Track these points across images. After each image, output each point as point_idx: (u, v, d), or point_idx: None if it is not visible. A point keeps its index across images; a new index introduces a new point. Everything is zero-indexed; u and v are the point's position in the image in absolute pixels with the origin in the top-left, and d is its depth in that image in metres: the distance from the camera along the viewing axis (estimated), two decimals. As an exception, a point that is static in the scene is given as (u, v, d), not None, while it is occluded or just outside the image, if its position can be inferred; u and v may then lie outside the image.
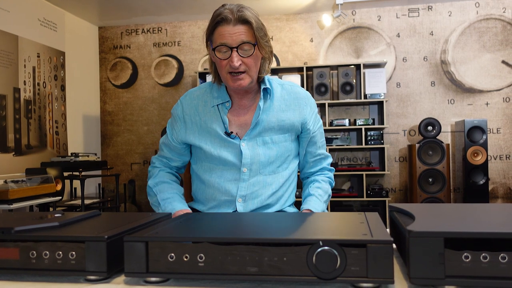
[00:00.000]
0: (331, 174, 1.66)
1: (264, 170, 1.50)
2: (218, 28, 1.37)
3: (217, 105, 1.50)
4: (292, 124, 1.51)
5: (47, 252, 0.80)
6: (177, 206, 1.50)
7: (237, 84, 1.39)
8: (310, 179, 1.63)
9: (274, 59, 5.22)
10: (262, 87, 1.48)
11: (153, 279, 0.78)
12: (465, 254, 0.69)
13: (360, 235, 0.74)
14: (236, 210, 1.50)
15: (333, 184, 1.65)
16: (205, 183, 1.54)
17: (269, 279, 0.73)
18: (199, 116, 1.52)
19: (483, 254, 0.68)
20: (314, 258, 0.71)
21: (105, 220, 0.99)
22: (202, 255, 0.75)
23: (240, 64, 1.36)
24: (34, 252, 0.80)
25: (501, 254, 0.68)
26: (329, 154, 1.67)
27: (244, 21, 1.36)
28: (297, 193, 4.62)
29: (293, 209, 1.62)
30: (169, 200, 1.52)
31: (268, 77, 1.54)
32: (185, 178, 4.72)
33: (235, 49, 1.35)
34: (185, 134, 1.54)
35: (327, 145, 4.73)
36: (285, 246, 0.73)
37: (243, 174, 1.48)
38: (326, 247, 0.71)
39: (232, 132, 1.48)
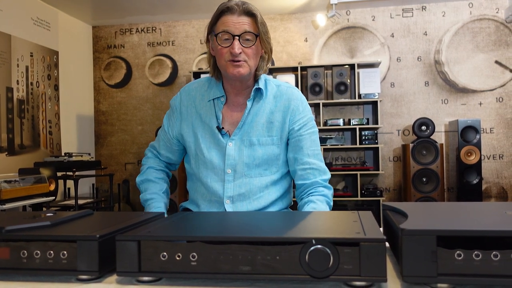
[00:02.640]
0: (328, 192, 1.47)
1: (250, 172, 1.47)
2: (222, 17, 1.39)
3: (213, 99, 1.50)
4: (281, 126, 1.48)
5: (38, 252, 0.79)
6: (156, 209, 1.51)
7: (236, 71, 1.38)
8: (304, 200, 1.46)
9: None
10: (255, 86, 1.47)
11: (145, 278, 0.77)
12: (458, 252, 0.69)
13: (353, 233, 0.74)
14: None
15: (331, 205, 1.46)
16: (196, 181, 1.55)
17: (262, 278, 0.73)
18: (195, 108, 1.53)
19: (475, 252, 0.68)
20: (307, 256, 0.71)
21: (97, 220, 0.98)
22: (194, 254, 0.74)
23: (240, 53, 1.37)
24: (25, 251, 0.79)
25: (493, 252, 0.68)
26: (326, 169, 1.50)
27: (249, 13, 1.38)
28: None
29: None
30: (150, 201, 1.51)
31: (266, 77, 1.52)
32: (179, 178, 4.71)
33: (237, 37, 1.36)
34: (180, 126, 1.54)
35: (321, 145, 4.73)
36: (278, 245, 0.72)
37: (227, 175, 1.47)
38: (319, 246, 0.71)
39: (223, 128, 1.48)
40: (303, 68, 4.95)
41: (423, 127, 4.61)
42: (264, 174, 1.49)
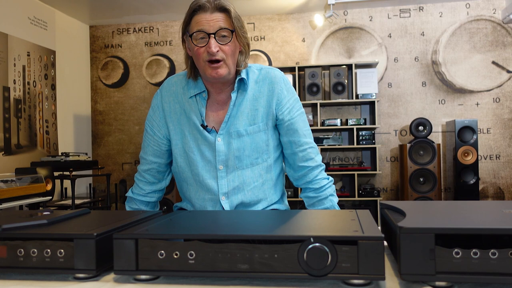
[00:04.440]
0: (330, 189, 1.53)
1: (241, 164, 1.45)
2: (195, 16, 1.34)
3: (195, 96, 1.45)
4: (266, 112, 1.44)
5: (35, 250, 0.78)
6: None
7: (214, 72, 1.34)
8: (314, 196, 1.52)
9: (266, 59, 5.23)
10: (238, 78, 1.43)
11: (142, 276, 0.77)
12: (456, 250, 0.69)
13: (351, 231, 0.74)
14: (223, 209, 1.46)
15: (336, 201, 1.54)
16: (187, 179, 1.51)
17: (260, 276, 0.73)
18: (178, 104, 1.48)
19: (473, 251, 0.68)
20: (305, 255, 0.71)
21: (94, 218, 0.98)
22: (192, 252, 0.74)
23: (217, 51, 1.32)
24: (22, 250, 0.79)
25: (491, 250, 0.68)
26: (317, 147, 1.53)
27: (222, 9, 1.33)
28: (289, 193, 4.64)
29: (283, 206, 1.57)
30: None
31: (249, 65, 1.48)
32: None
33: (213, 35, 1.31)
34: (165, 123, 1.49)
35: (318, 145, 4.73)
36: (276, 243, 0.72)
37: (220, 171, 1.45)
38: (317, 244, 0.71)
39: (207, 126, 1.44)
40: (301, 68, 4.95)
41: (420, 127, 4.62)
42: (256, 163, 1.46)
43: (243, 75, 1.43)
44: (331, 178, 1.54)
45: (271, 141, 1.48)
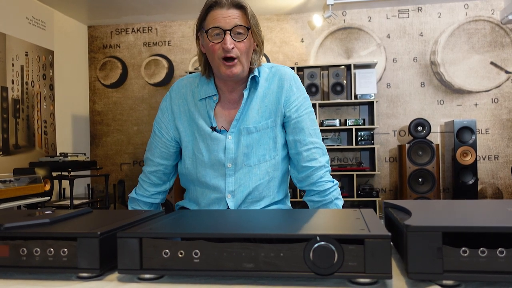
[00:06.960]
0: (336, 192, 1.47)
1: (249, 161, 1.44)
2: (211, 12, 1.34)
3: (205, 98, 1.44)
4: (275, 109, 1.43)
5: (38, 249, 0.78)
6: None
7: (229, 71, 1.34)
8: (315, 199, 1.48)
9: (264, 59, 5.23)
10: (251, 76, 1.42)
11: (147, 276, 0.76)
12: (463, 249, 0.68)
13: (357, 230, 0.73)
14: (228, 207, 1.45)
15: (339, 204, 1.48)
16: (193, 180, 1.50)
17: (265, 275, 0.72)
18: (187, 105, 1.47)
19: (481, 249, 0.68)
20: (311, 253, 0.70)
21: (97, 217, 0.97)
22: (197, 251, 0.73)
23: (232, 48, 1.31)
24: (25, 249, 0.78)
25: (499, 249, 0.67)
26: (324, 148, 1.50)
27: (238, 6, 1.34)
28: (291, 189, 4.63)
29: (285, 207, 1.56)
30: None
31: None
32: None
33: (229, 32, 1.31)
34: (175, 126, 1.48)
35: (317, 145, 4.73)
36: (282, 242, 0.71)
37: (228, 169, 1.43)
38: (323, 243, 0.70)
39: (216, 127, 1.43)
40: (300, 69, 4.95)
41: (419, 128, 4.62)
42: (263, 160, 1.45)
43: (255, 73, 1.43)
44: (336, 181, 1.50)
45: (279, 139, 1.47)
